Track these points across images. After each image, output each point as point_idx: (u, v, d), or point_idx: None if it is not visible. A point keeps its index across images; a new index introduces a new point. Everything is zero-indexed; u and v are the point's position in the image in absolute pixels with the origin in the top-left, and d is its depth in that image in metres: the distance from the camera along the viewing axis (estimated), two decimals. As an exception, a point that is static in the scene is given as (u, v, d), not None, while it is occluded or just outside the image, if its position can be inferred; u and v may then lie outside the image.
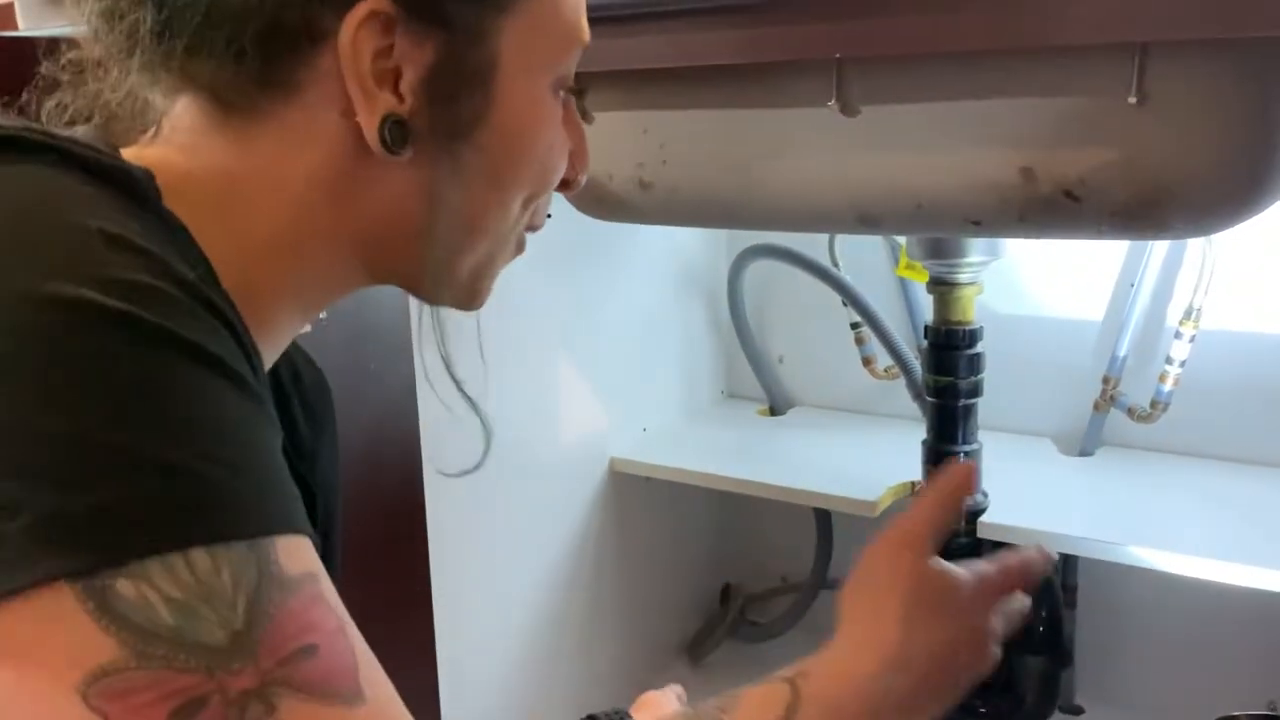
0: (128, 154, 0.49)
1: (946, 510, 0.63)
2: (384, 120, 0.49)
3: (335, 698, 0.39)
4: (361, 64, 0.48)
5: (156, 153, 0.50)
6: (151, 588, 0.36)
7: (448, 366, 0.65)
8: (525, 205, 0.57)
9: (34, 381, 0.36)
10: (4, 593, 0.35)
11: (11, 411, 0.36)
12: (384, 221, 0.52)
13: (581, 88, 0.59)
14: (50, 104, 0.53)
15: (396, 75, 0.49)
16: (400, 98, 0.49)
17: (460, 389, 0.66)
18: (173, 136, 0.51)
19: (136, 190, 0.43)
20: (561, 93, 0.56)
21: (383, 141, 0.49)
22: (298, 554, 0.40)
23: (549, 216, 0.62)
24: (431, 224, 0.52)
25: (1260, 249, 1.26)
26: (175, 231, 0.44)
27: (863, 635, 0.59)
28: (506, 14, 0.51)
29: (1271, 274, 1.27)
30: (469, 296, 0.58)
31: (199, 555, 0.37)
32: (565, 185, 0.60)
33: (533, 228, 0.60)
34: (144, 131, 0.52)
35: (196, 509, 0.37)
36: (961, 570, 0.62)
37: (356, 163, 0.50)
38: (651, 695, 0.84)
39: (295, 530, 0.40)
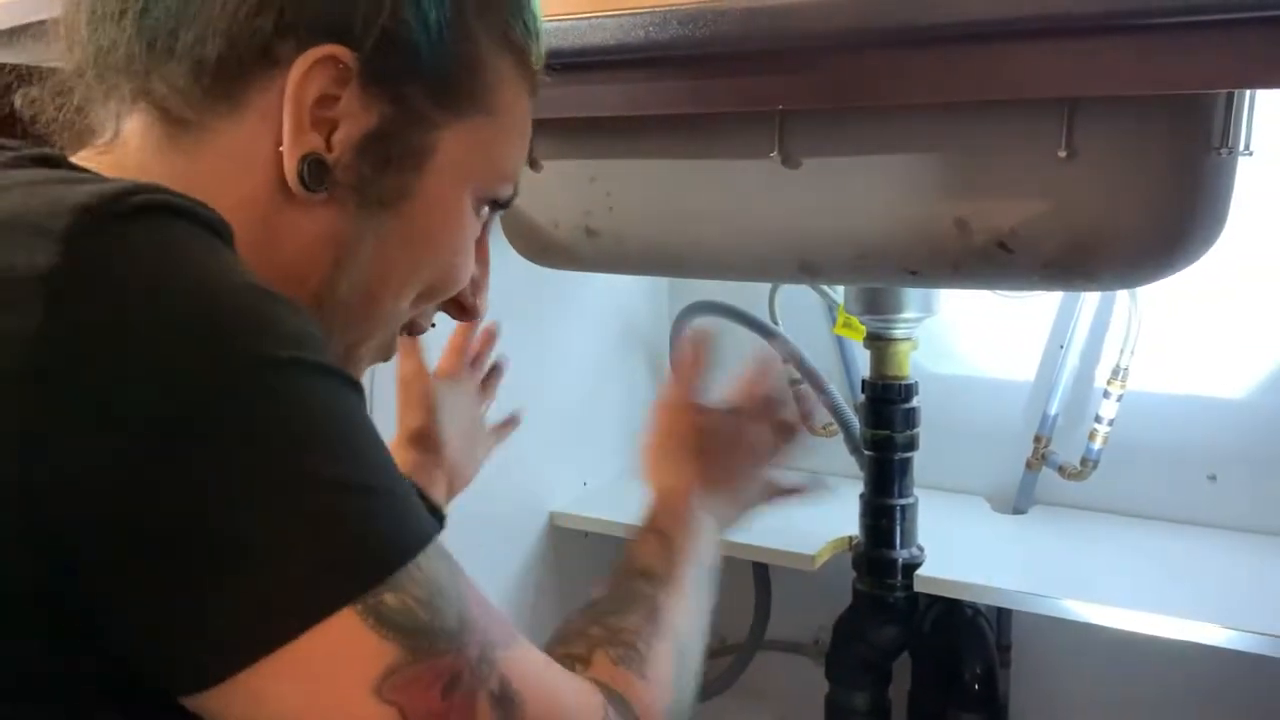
0: (83, 157, 0.51)
1: (696, 373, 0.86)
2: (305, 157, 0.50)
3: (513, 643, 0.48)
4: (303, 99, 0.50)
5: (111, 160, 0.51)
6: (407, 595, 0.43)
7: None
8: (417, 302, 0.58)
9: (271, 435, 0.41)
10: (301, 628, 0.40)
11: (247, 466, 0.40)
12: (295, 266, 0.53)
13: (505, 203, 0.62)
14: (19, 98, 0.55)
15: (334, 126, 0.51)
16: (330, 146, 0.51)
17: None
18: (125, 149, 0.52)
19: (231, 241, 0.46)
20: (484, 213, 0.60)
21: (300, 177, 0.50)
22: (445, 545, 0.47)
23: (433, 325, 0.65)
24: (336, 276, 0.54)
25: (1182, 312, 1.31)
26: None
27: (676, 478, 0.80)
28: (455, 116, 0.54)
29: (1193, 337, 1.31)
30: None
31: (423, 559, 0.44)
32: (463, 311, 0.63)
33: (416, 329, 0.63)
34: (92, 136, 0.54)
35: (410, 523, 0.45)
36: (720, 410, 0.85)
37: (281, 199, 0.51)
38: None
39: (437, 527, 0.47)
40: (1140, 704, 1.39)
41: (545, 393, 1.45)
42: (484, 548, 1.36)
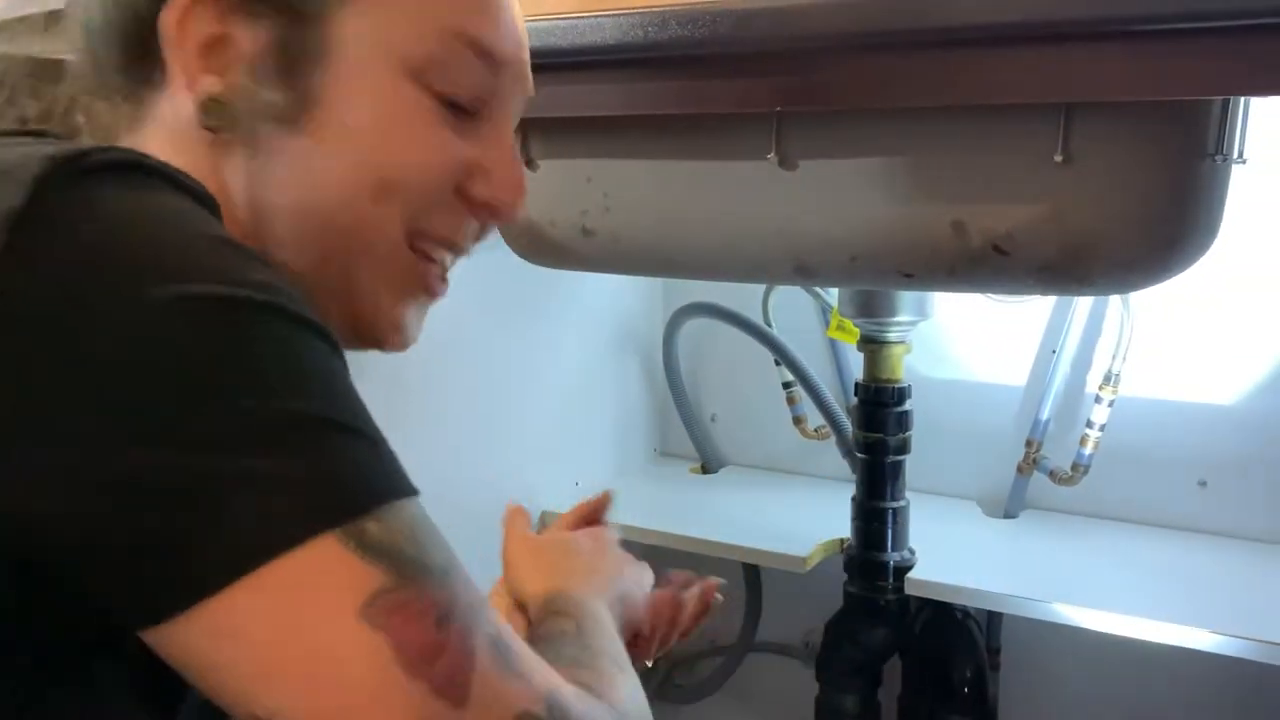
0: None
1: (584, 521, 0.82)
2: (204, 100, 0.50)
3: (498, 615, 0.46)
4: (186, 48, 0.50)
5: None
6: (390, 528, 0.41)
7: None
8: (394, 208, 0.53)
9: (234, 370, 0.40)
10: (279, 549, 0.39)
11: (222, 398, 0.39)
12: (247, 213, 0.52)
13: (479, 100, 0.55)
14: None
15: (235, 60, 0.51)
16: (229, 81, 0.50)
17: None
18: (115, 141, 0.53)
19: (216, 208, 0.46)
20: (454, 102, 0.54)
21: (203, 122, 0.50)
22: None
23: (477, 245, 0.60)
24: (258, 221, 0.52)
25: (1174, 318, 1.31)
26: None
27: (542, 582, 0.73)
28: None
29: (1185, 343, 1.32)
30: (370, 328, 0.56)
31: (405, 505, 0.43)
32: (474, 207, 0.57)
33: (452, 246, 0.57)
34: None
35: (390, 470, 0.43)
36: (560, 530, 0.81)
37: (218, 154, 0.51)
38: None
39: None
40: (1128, 708, 1.40)
41: (538, 392, 1.45)
42: (475, 546, 1.35)
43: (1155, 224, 0.82)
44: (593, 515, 0.84)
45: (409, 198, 0.53)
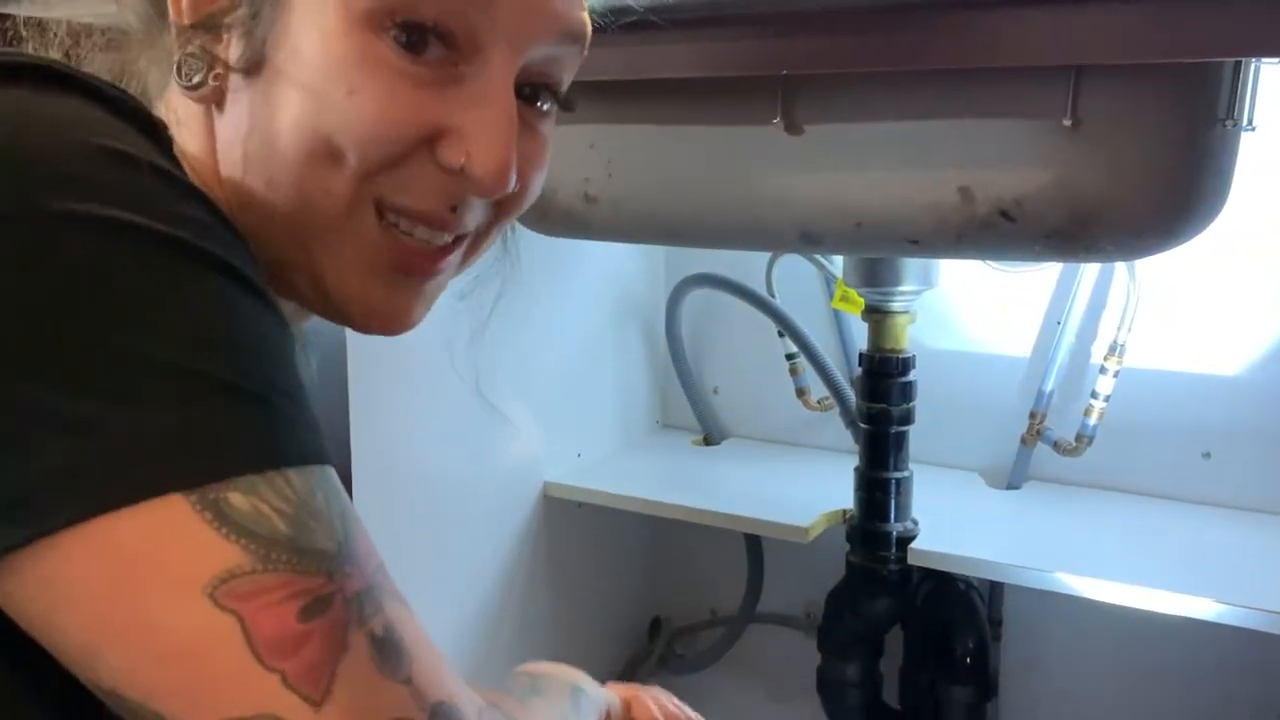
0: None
1: None
2: (183, 57, 0.49)
3: (407, 604, 0.42)
4: (180, 21, 0.49)
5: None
6: (262, 501, 0.37)
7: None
8: (354, 180, 0.47)
9: (103, 300, 0.36)
10: (111, 505, 0.35)
11: (75, 330, 0.36)
12: (222, 186, 0.49)
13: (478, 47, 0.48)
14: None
15: (213, 13, 0.49)
16: (217, 38, 0.49)
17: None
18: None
19: (158, 134, 0.43)
20: (393, 35, 0.46)
21: (185, 80, 0.49)
22: (340, 485, 0.42)
23: (494, 228, 0.56)
24: (229, 183, 0.49)
25: (1180, 289, 1.31)
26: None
27: None
28: None
29: (1190, 314, 1.31)
30: (341, 306, 0.51)
31: (294, 475, 0.39)
32: (464, 181, 0.49)
33: (425, 220, 0.50)
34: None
35: (280, 434, 0.39)
36: None
37: (204, 114, 0.50)
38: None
39: (333, 464, 0.42)
40: (1131, 678, 1.40)
41: (540, 364, 1.44)
42: (478, 517, 1.36)
43: (1164, 190, 0.81)
44: None
45: (357, 158, 0.47)
